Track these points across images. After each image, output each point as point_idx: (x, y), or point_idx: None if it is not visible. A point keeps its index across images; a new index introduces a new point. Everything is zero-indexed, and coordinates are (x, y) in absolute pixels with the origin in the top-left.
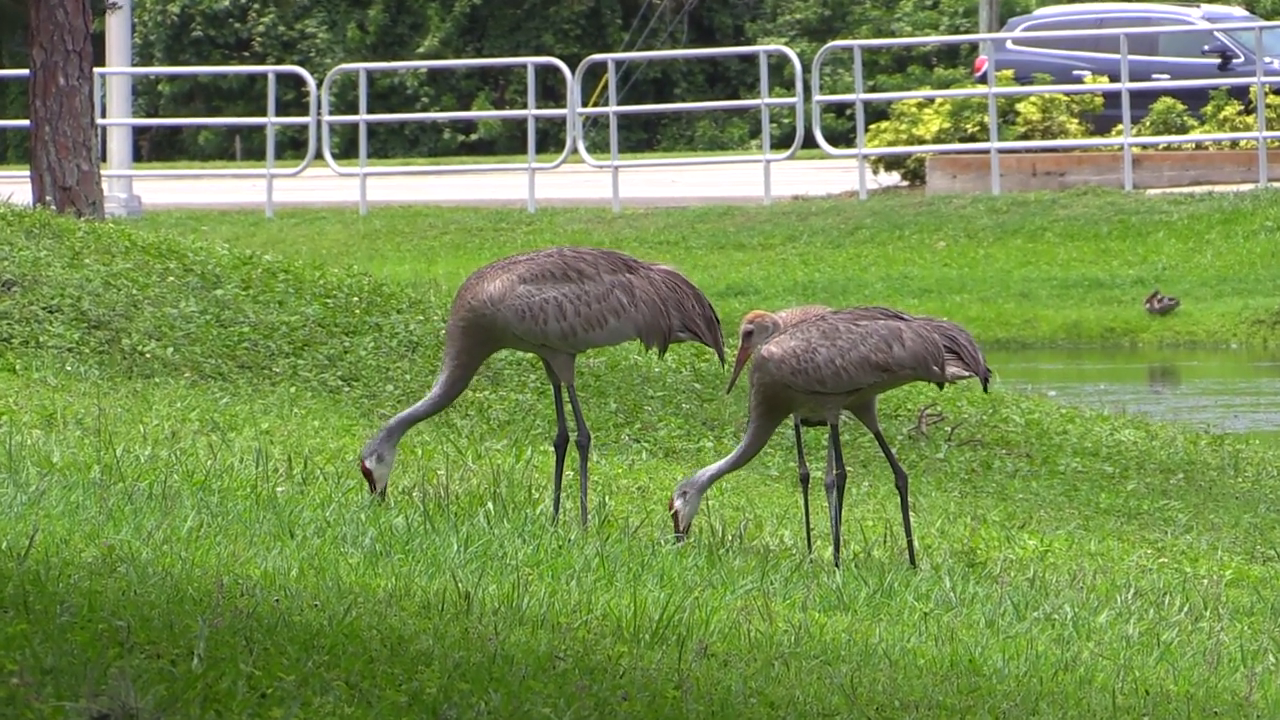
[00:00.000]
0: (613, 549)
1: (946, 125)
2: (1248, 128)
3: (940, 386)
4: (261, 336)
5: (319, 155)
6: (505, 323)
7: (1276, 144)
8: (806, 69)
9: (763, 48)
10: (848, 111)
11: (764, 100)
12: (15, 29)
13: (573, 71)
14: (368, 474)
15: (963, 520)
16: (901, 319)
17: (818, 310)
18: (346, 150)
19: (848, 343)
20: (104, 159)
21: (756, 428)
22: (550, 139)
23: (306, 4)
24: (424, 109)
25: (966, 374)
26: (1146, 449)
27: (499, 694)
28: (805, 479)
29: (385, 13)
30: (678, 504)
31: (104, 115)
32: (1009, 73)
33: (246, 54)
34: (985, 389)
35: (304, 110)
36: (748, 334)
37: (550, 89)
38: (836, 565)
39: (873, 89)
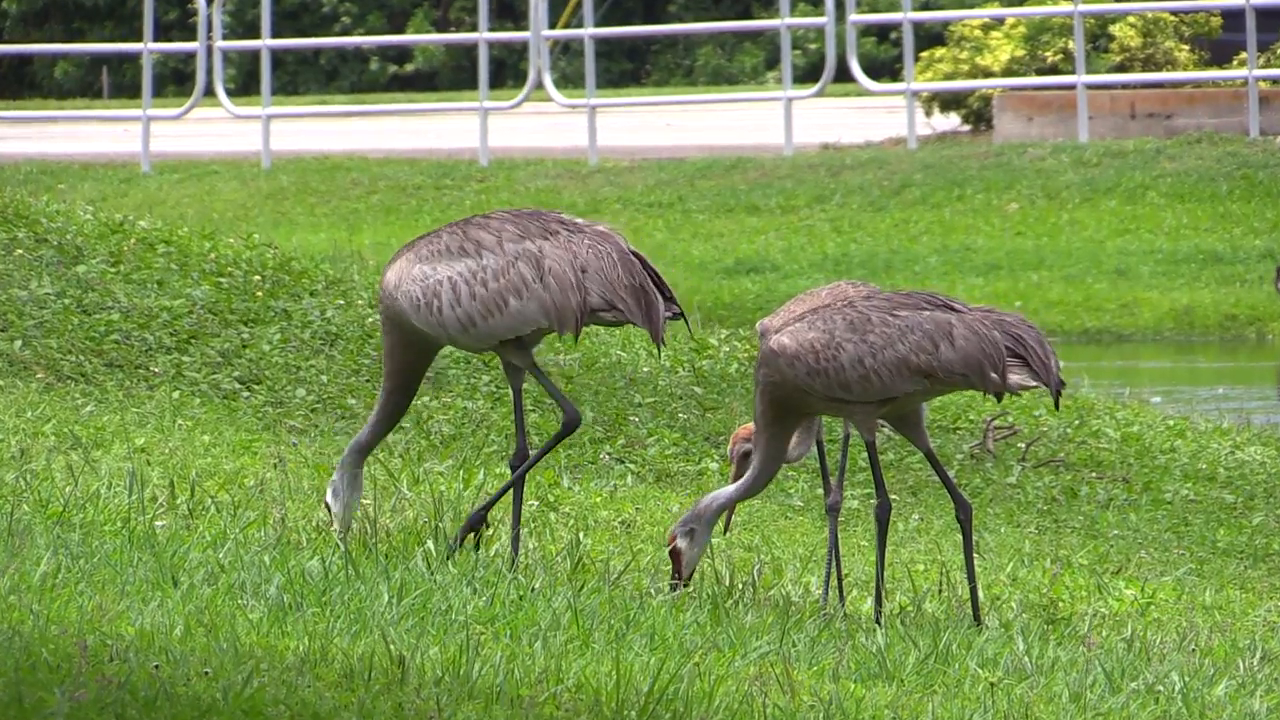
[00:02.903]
0: (589, 601)
1: (1020, 53)
2: None
3: (998, 398)
4: (136, 326)
5: (209, 92)
6: (404, 314)
7: None
8: None
9: None
10: (892, 35)
11: (784, 21)
12: None
13: None
14: (328, 510)
15: (1041, 564)
16: (953, 309)
17: (860, 290)
18: (245, 86)
19: (881, 339)
20: None
21: (767, 442)
22: (508, 71)
23: None
24: (345, 32)
25: (1033, 384)
26: (1277, 472)
27: None
28: (834, 508)
29: None
30: (681, 542)
31: None
32: None
33: None
34: (1056, 405)
35: (190, 34)
36: (744, 455)
37: (508, 6)
38: (878, 622)
39: (924, 6)
